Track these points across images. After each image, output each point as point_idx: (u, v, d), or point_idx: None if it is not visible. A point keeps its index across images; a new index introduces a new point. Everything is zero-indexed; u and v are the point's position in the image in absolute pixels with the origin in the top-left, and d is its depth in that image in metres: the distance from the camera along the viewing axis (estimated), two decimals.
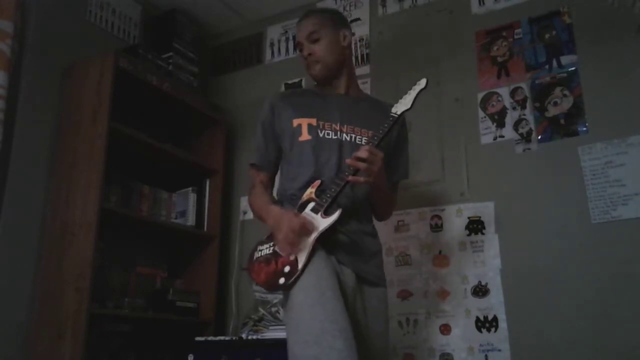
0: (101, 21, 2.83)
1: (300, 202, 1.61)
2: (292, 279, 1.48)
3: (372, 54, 2.85)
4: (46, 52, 2.50)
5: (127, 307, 2.41)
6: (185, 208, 2.87)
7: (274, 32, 3.24)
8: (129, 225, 2.67)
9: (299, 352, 1.38)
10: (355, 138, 1.69)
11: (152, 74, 2.67)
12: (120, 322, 2.52)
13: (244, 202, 3.01)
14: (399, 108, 1.61)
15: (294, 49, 3.13)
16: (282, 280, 1.50)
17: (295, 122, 1.71)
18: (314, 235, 1.51)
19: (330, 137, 1.68)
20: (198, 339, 2.36)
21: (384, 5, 2.90)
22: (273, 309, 2.42)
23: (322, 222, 1.52)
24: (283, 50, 3.18)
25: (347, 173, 1.55)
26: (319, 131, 1.69)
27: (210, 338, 2.38)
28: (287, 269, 1.50)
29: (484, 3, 2.62)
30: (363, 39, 2.90)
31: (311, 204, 1.57)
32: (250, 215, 2.96)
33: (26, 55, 2.41)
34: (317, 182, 1.62)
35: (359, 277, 1.61)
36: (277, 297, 2.47)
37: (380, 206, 1.78)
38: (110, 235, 2.48)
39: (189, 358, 2.28)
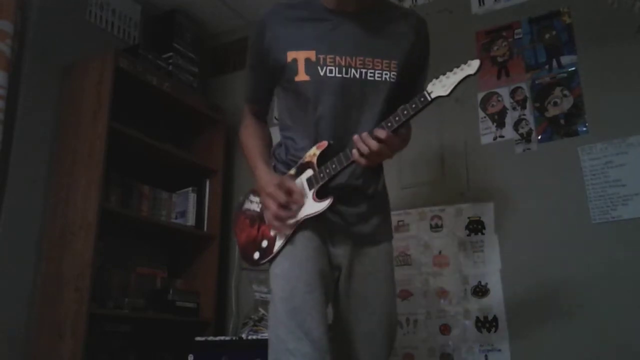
0: (101, 21, 2.83)
1: (301, 162, 1.43)
2: (265, 260, 1.41)
3: None
4: (46, 52, 2.50)
5: (127, 307, 2.40)
6: (185, 208, 2.87)
7: None
8: (129, 225, 2.67)
9: (273, 339, 1.34)
10: (366, 74, 1.40)
11: (152, 74, 2.67)
12: (120, 322, 2.52)
13: None
14: (434, 90, 1.28)
15: None
16: (256, 255, 1.43)
17: (290, 55, 1.41)
18: (298, 219, 1.37)
19: (333, 74, 1.39)
20: (198, 339, 2.36)
21: None
22: None
23: (311, 206, 1.38)
24: None
25: (348, 152, 1.35)
26: (319, 68, 1.39)
27: (210, 338, 2.38)
28: (264, 243, 1.42)
29: (484, 3, 2.62)
30: None
31: (309, 172, 1.40)
32: None
33: (26, 55, 2.41)
34: (324, 144, 1.40)
35: (358, 238, 1.46)
36: None
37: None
38: (110, 235, 2.47)
39: (189, 358, 2.27)
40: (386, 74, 1.43)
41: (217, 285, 2.83)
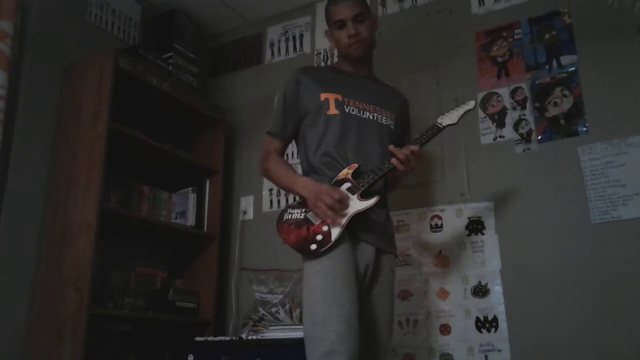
0: (101, 21, 2.83)
1: (336, 179, 1.69)
2: (324, 248, 1.58)
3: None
4: (46, 52, 2.50)
5: (127, 307, 2.40)
6: (185, 208, 2.87)
7: (274, 32, 3.24)
8: (129, 225, 2.67)
9: (309, 331, 1.54)
10: (376, 117, 1.81)
11: (152, 74, 2.67)
12: (120, 322, 2.52)
13: (244, 202, 3.01)
14: (444, 120, 1.73)
15: (294, 49, 3.13)
16: (313, 247, 1.59)
17: (323, 96, 1.79)
18: (350, 214, 1.60)
19: (355, 113, 1.78)
20: (198, 339, 2.36)
21: (384, 6, 2.90)
22: (273, 309, 2.42)
23: (359, 204, 1.62)
24: (283, 50, 3.18)
25: (386, 163, 1.66)
26: (345, 107, 1.78)
27: (210, 338, 2.38)
28: (319, 237, 1.60)
29: (483, 3, 2.62)
30: None
31: (347, 184, 1.66)
32: (250, 215, 2.97)
33: (26, 55, 2.41)
34: (355, 165, 1.70)
35: (377, 249, 1.73)
36: (277, 298, 2.47)
37: (393, 185, 1.93)
38: (110, 235, 2.47)
39: (189, 358, 2.27)
40: (388, 120, 1.85)
41: (217, 285, 2.83)
